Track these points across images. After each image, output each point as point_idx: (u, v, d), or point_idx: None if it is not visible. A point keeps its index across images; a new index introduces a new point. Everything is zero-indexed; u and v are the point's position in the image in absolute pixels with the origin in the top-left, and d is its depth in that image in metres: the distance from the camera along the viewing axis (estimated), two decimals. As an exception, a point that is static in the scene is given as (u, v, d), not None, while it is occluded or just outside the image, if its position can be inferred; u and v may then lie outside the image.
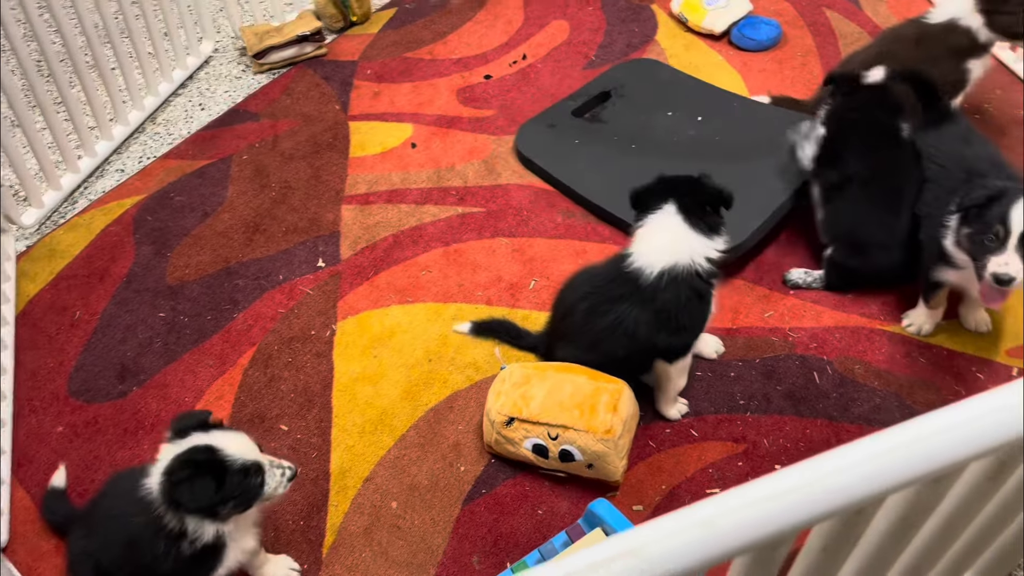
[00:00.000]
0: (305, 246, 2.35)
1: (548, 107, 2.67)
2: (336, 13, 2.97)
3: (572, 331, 1.92)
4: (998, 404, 0.66)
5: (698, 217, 1.80)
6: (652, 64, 2.83)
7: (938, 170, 2.01)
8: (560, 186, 2.47)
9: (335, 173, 2.54)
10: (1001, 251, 1.73)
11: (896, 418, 1.94)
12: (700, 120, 2.57)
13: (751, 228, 2.21)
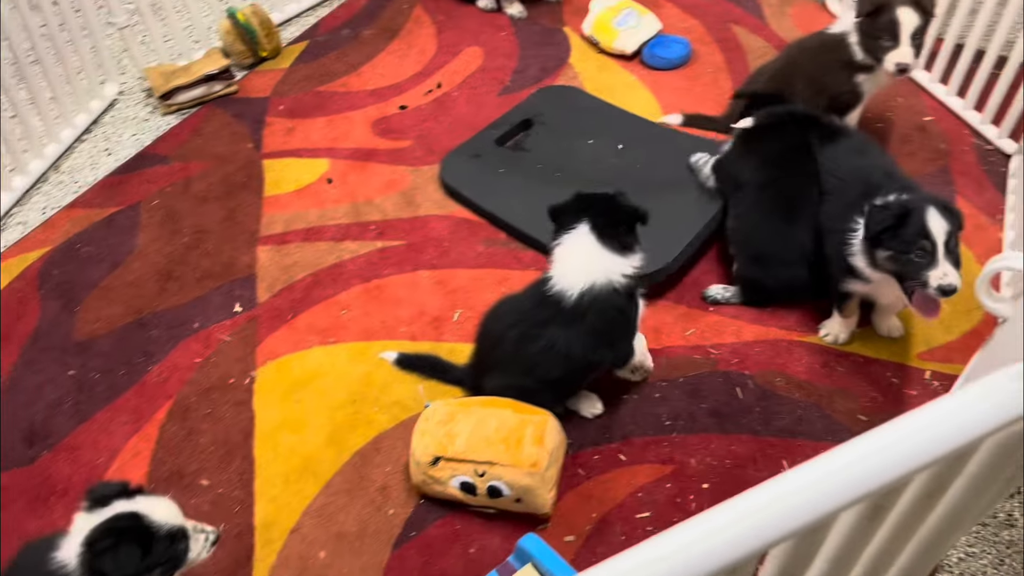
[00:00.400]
0: (221, 291, 2.29)
1: (471, 137, 2.66)
2: (245, 49, 2.92)
3: (503, 360, 1.91)
4: (931, 420, 0.67)
5: (611, 236, 1.84)
6: (571, 91, 2.84)
7: (837, 183, 2.06)
8: (488, 216, 2.46)
9: (250, 214, 2.49)
10: (934, 264, 1.75)
11: (817, 429, 1.97)
12: (621, 148, 2.59)
13: (674, 252, 2.23)
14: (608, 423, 1.99)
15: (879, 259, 1.86)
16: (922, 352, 2.13)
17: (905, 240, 1.79)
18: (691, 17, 3.17)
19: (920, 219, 1.77)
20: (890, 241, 1.82)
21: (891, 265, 1.84)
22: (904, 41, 2.20)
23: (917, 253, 1.77)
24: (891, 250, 1.82)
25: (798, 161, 2.17)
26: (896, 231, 1.80)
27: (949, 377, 2.05)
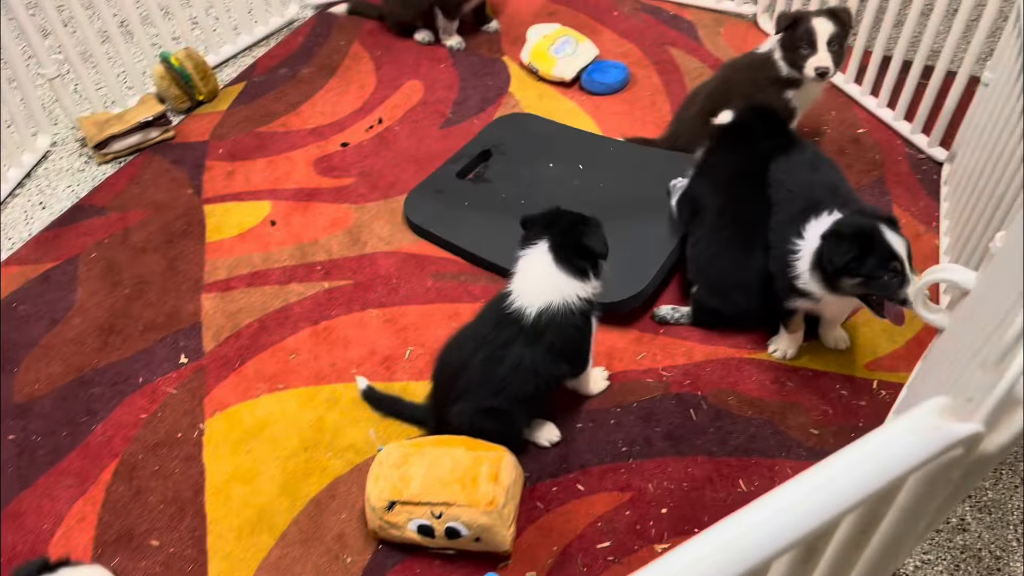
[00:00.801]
0: (165, 343, 2.25)
1: (432, 173, 2.65)
2: (180, 94, 2.89)
3: (470, 388, 1.88)
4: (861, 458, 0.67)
5: (569, 261, 1.87)
6: (526, 117, 2.85)
7: (783, 196, 2.09)
8: (457, 251, 2.44)
9: (192, 261, 2.45)
10: (908, 282, 1.77)
11: (771, 445, 1.99)
12: (582, 168, 2.61)
13: (645, 280, 2.25)
14: (565, 453, 1.99)
15: (848, 285, 1.85)
16: (869, 362, 2.16)
17: (876, 266, 1.79)
18: (628, 41, 3.21)
19: (884, 243, 1.79)
20: (859, 268, 1.81)
21: (862, 289, 1.84)
22: (821, 47, 2.30)
23: (890, 275, 1.79)
24: (861, 276, 1.82)
25: (755, 186, 2.19)
26: (862, 259, 1.80)
27: (895, 386, 2.09)
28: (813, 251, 1.91)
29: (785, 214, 2.05)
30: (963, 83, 2.53)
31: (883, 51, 2.78)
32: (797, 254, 1.96)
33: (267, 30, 3.29)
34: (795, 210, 2.01)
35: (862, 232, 1.81)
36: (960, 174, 2.41)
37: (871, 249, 1.80)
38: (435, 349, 2.19)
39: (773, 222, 2.10)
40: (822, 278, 1.90)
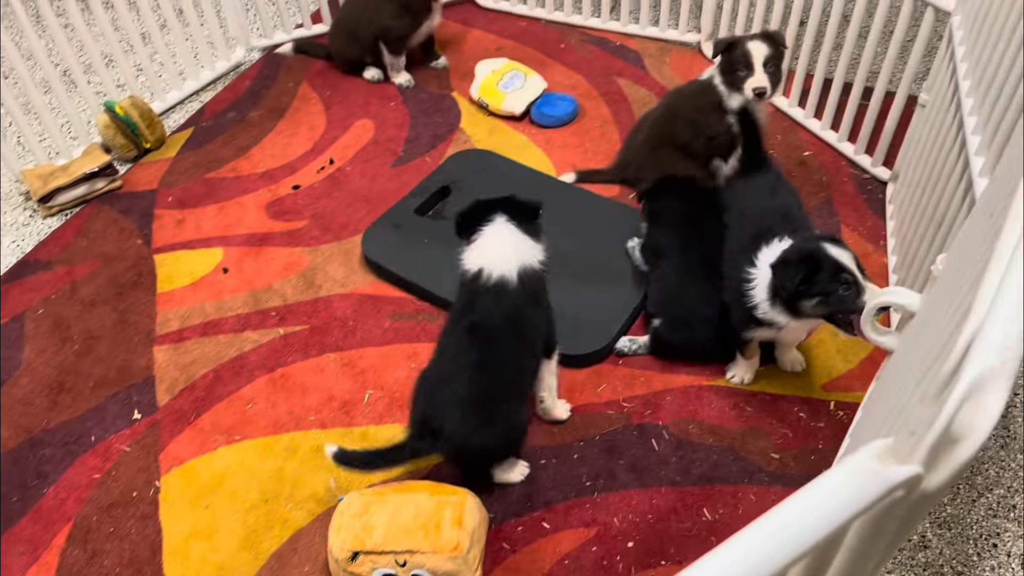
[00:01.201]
0: (117, 399, 2.20)
1: (389, 208, 2.64)
2: (127, 143, 2.85)
3: (467, 396, 1.82)
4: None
5: (526, 225, 1.98)
6: (485, 155, 2.86)
7: (737, 221, 2.11)
8: (415, 289, 2.43)
9: (143, 313, 2.41)
10: (863, 291, 1.80)
11: (734, 472, 2.00)
12: (542, 212, 2.61)
13: (614, 329, 2.28)
14: (529, 491, 1.98)
15: (808, 309, 1.87)
16: (825, 383, 2.19)
17: (827, 282, 1.82)
18: (576, 73, 3.25)
19: (828, 256, 1.82)
20: (812, 288, 1.83)
21: (823, 309, 1.86)
22: (758, 68, 2.33)
23: (843, 287, 1.81)
24: (818, 295, 1.84)
25: (708, 222, 2.23)
26: (813, 278, 1.83)
27: (852, 405, 2.11)
28: (768, 281, 1.93)
29: (737, 242, 2.07)
30: (902, 103, 2.59)
31: (824, 74, 2.84)
32: (752, 283, 1.98)
33: (214, 74, 3.27)
34: (747, 238, 2.03)
35: (806, 253, 1.85)
36: (903, 194, 2.46)
37: (819, 267, 1.82)
38: (394, 391, 2.19)
39: (726, 250, 2.12)
40: (783, 306, 1.92)
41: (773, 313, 1.95)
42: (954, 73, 2.15)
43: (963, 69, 2.10)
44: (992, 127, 1.77)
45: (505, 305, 1.87)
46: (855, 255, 1.85)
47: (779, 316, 1.94)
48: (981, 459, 2.03)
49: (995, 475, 2.00)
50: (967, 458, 0.76)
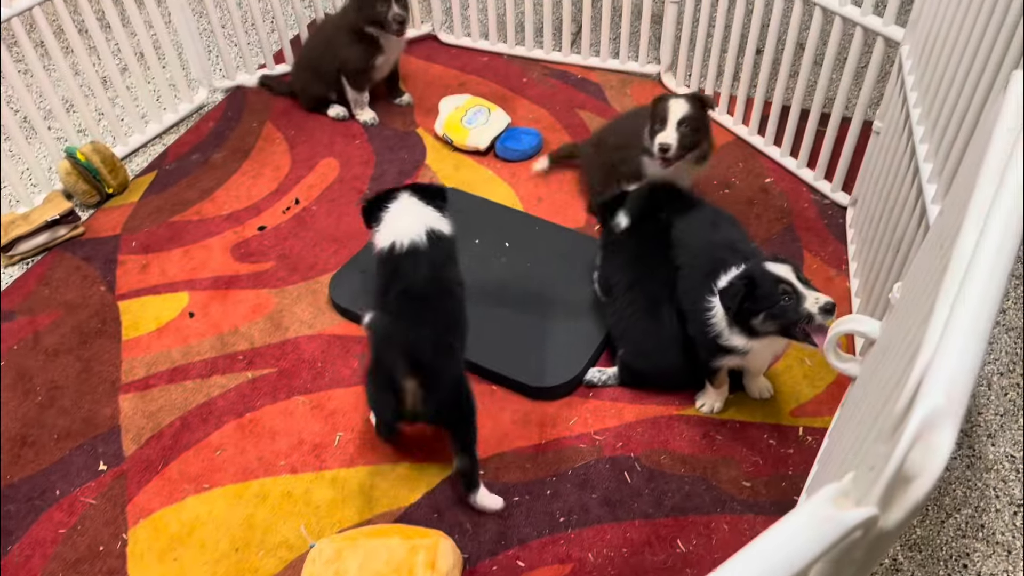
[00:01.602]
0: (82, 450, 2.16)
1: (356, 253, 2.64)
2: (89, 188, 2.83)
3: (427, 357, 1.89)
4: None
5: (431, 200, 2.20)
6: (451, 192, 2.86)
7: (688, 259, 2.14)
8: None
9: (108, 362, 2.38)
10: (803, 297, 1.85)
11: (706, 502, 2.00)
12: (508, 246, 2.64)
13: (582, 363, 2.29)
14: (503, 529, 1.97)
15: (758, 326, 1.92)
16: (793, 409, 2.21)
17: (766, 295, 1.87)
18: (539, 107, 3.28)
19: (766, 272, 1.88)
20: (754, 304, 1.89)
21: (772, 324, 1.90)
22: (670, 125, 2.33)
23: (784, 298, 1.86)
24: (762, 310, 1.89)
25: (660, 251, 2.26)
26: (754, 294, 1.88)
27: (820, 431, 2.13)
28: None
29: (693, 279, 2.10)
30: (858, 129, 2.65)
31: (781, 101, 2.89)
32: (712, 312, 2.01)
33: (176, 116, 3.25)
34: (701, 273, 2.07)
35: (745, 273, 1.92)
36: (862, 219, 2.51)
37: (756, 283, 1.88)
38: (365, 432, 2.17)
39: (682, 289, 2.15)
40: (739, 327, 1.96)
41: (733, 337, 1.98)
42: (905, 101, 2.20)
43: (913, 97, 2.15)
44: (943, 155, 1.82)
45: (423, 266, 2.01)
46: (796, 266, 1.91)
47: (739, 339, 1.98)
48: (948, 480, 2.06)
49: (962, 495, 2.03)
50: (921, 497, 0.77)
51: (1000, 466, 2.09)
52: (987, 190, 1.04)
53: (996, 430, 2.18)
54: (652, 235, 2.28)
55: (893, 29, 2.39)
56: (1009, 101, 1.20)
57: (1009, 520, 1.98)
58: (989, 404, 2.24)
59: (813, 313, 1.83)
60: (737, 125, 3.12)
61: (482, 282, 2.51)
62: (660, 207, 2.32)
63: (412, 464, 2.11)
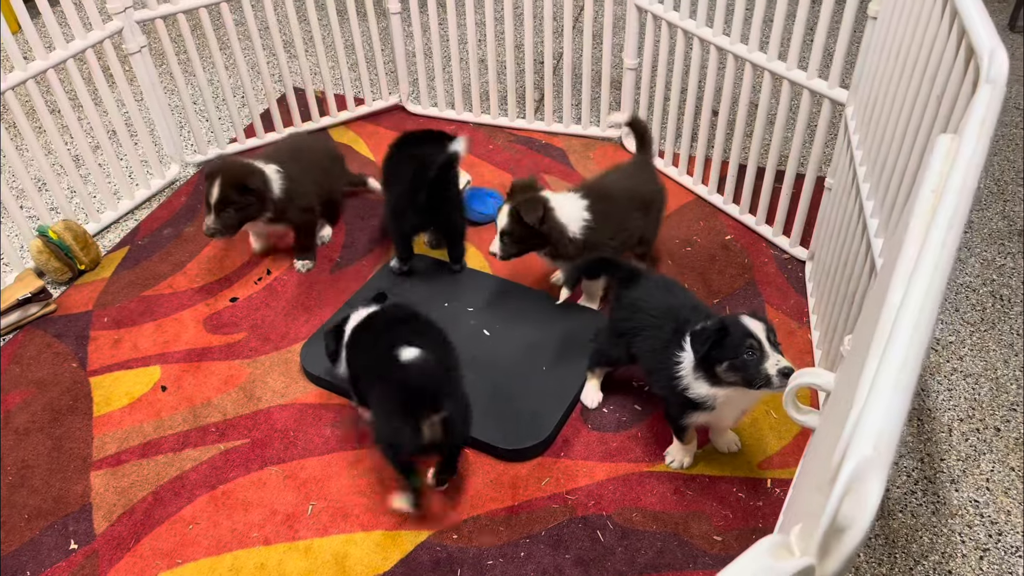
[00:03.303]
0: (53, 530, 2.15)
1: (325, 321, 2.68)
2: (60, 266, 2.85)
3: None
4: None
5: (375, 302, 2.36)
6: (419, 258, 2.92)
7: (650, 320, 2.18)
8: (356, 396, 2.44)
9: (79, 439, 2.37)
10: (765, 356, 1.89)
11: (679, 558, 2.02)
12: (473, 310, 2.70)
13: (551, 424, 2.32)
14: (478, 594, 1.97)
15: (720, 374, 1.95)
16: (761, 461, 2.24)
17: (734, 345, 1.91)
18: (504, 172, 3.37)
19: (739, 324, 1.93)
20: (721, 352, 1.93)
21: (732, 374, 1.93)
22: (497, 238, 2.53)
23: (748, 352, 1.90)
24: (726, 359, 1.93)
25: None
26: (722, 342, 1.93)
27: (787, 482, 2.17)
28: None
29: (657, 339, 2.14)
30: (811, 186, 2.75)
31: (738, 160, 3.00)
32: (681, 365, 2.05)
33: (149, 192, 3.30)
34: (667, 332, 2.11)
35: (720, 322, 1.96)
36: (820, 272, 2.59)
37: (727, 333, 1.93)
38: (338, 499, 2.18)
39: (645, 350, 2.18)
40: (703, 374, 1.99)
41: (699, 385, 2.01)
42: (852, 159, 2.30)
43: (859, 156, 2.25)
44: (887, 210, 1.90)
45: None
46: (770, 327, 1.94)
47: (704, 388, 2.01)
48: (914, 527, 2.09)
49: (929, 542, 2.06)
50: (854, 547, 0.81)
51: (964, 511, 2.13)
52: (911, 249, 1.10)
53: (959, 475, 2.22)
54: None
55: (838, 92, 2.51)
56: (933, 163, 1.28)
57: (976, 564, 2.01)
58: (951, 450, 2.29)
59: (771, 375, 1.88)
60: (697, 185, 3.21)
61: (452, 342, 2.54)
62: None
63: (385, 531, 2.11)
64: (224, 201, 2.61)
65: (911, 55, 1.87)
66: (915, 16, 1.89)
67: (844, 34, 2.42)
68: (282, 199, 2.76)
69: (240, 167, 2.69)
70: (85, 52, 2.94)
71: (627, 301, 2.25)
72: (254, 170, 2.69)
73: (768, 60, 2.67)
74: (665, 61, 3.10)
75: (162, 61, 4.15)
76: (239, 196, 2.63)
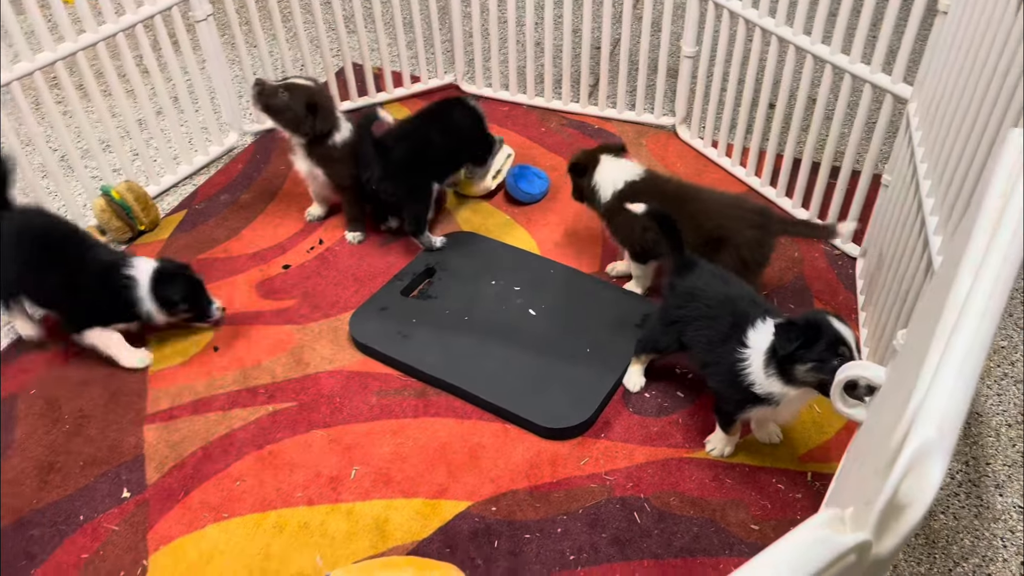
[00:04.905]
0: (107, 477, 2.22)
1: (376, 291, 2.73)
2: (121, 225, 2.93)
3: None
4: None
5: None
6: (468, 236, 2.97)
7: (704, 310, 2.15)
8: (402, 367, 2.50)
9: (134, 392, 2.45)
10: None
11: (715, 544, 2.03)
12: (522, 288, 2.72)
13: (594, 404, 2.34)
14: (514, 566, 2.00)
15: (800, 374, 1.91)
16: (802, 454, 2.24)
17: (825, 349, 1.86)
18: (556, 155, 3.38)
19: (831, 328, 1.87)
20: (808, 354, 1.88)
21: (814, 376, 1.89)
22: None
23: (838, 359, 1.84)
24: (811, 362, 1.88)
25: None
26: (813, 344, 1.87)
27: (828, 476, 2.16)
28: (765, 351, 1.97)
29: (714, 331, 2.10)
30: (867, 182, 2.72)
31: (792, 154, 2.98)
32: (746, 362, 2.01)
33: (207, 158, 3.37)
34: (725, 326, 2.08)
35: (812, 320, 1.89)
36: (871, 269, 2.57)
37: (819, 334, 1.87)
38: (379, 467, 2.22)
39: (700, 340, 2.15)
40: (778, 372, 1.94)
41: (770, 384, 1.96)
42: (912, 155, 2.28)
43: (920, 152, 2.22)
44: (948, 207, 1.88)
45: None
46: (855, 336, 1.90)
47: (775, 385, 1.96)
48: (956, 529, 2.08)
49: (970, 544, 2.05)
50: (913, 525, 0.82)
51: (1008, 516, 2.11)
52: (981, 240, 1.10)
53: (1004, 480, 2.20)
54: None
55: (901, 87, 2.47)
56: (1005, 156, 1.27)
57: (1016, 570, 2.00)
58: (997, 455, 2.26)
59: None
60: (750, 176, 3.19)
61: (498, 323, 2.58)
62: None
63: (425, 500, 2.15)
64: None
65: (982, 49, 1.85)
66: (988, 10, 1.86)
67: (911, 29, 2.38)
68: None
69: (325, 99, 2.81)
70: (153, 18, 3.01)
71: (681, 289, 2.22)
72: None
73: (831, 53, 2.64)
74: (724, 50, 3.09)
75: (226, 31, 4.22)
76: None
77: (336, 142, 2.81)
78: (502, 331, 2.56)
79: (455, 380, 2.41)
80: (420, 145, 2.83)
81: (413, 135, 2.86)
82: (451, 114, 2.94)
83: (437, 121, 2.91)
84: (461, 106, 2.97)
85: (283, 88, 2.72)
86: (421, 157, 2.82)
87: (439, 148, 2.86)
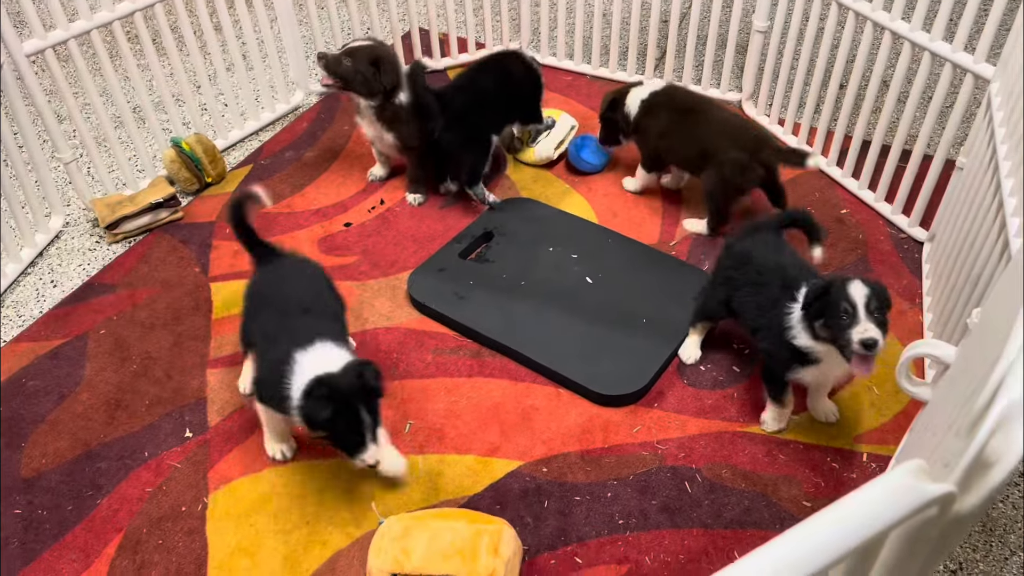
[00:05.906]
0: (171, 417, 2.29)
1: (436, 252, 2.76)
2: (190, 176, 3.00)
3: None
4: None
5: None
6: (527, 202, 2.98)
7: (757, 277, 2.18)
8: (457, 327, 2.53)
9: (199, 338, 2.51)
10: (856, 323, 1.88)
11: (765, 518, 2.03)
12: (581, 256, 2.73)
13: (650, 373, 2.35)
14: (563, 526, 2.02)
15: (818, 329, 1.98)
16: (858, 435, 2.22)
17: (831, 305, 1.92)
18: (618, 126, 3.35)
19: (842, 286, 1.92)
20: (820, 309, 1.95)
21: (826, 332, 1.96)
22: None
23: (842, 316, 1.90)
24: (823, 317, 1.95)
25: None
26: (825, 299, 1.94)
27: (884, 458, 2.14)
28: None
29: (766, 295, 2.14)
30: (939, 166, 2.66)
31: (862, 135, 2.92)
32: (791, 316, 2.05)
33: (273, 116, 3.43)
34: (775, 289, 2.11)
35: (832, 281, 1.96)
36: (940, 254, 2.51)
37: (829, 293, 1.93)
38: (433, 422, 2.25)
39: (752, 304, 2.18)
40: (807, 327, 2.01)
41: (803, 337, 2.03)
42: (992, 137, 2.22)
43: (1001, 133, 2.17)
44: (1028, 189, 1.83)
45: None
46: (879, 295, 1.91)
47: (807, 340, 2.02)
48: (1014, 518, 2.04)
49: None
50: (999, 482, 0.81)
51: (1069, 509, 2.07)
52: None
53: (1067, 473, 2.15)
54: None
55: (983, 67, 2.41)
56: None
57: (1076, 563, 1.96)
58: (1061, 447, 2.21)
59: (852, 339, 1.87)
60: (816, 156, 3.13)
61: (555, 289, 2.59)
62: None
63: (478, 457, 2.18)
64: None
65: (1077, 28, 1.79)
66: (1086, -12, 1.80)
67: (998, 6, 2.31)
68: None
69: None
70: (229, -27, 3.05)
71: (737, 250, 2.26)
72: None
73: (911, 30, 2.57)
74: (797, 26, 3.03)
75: (292, -8, 4.26)
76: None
77: (403, 102, 2.83)
78: (558, 297, 2.56)
79: (511, 343, 2.42)
80: (477, 96, 2.89)
81: (469, 87, 2.92)
82: (507, 65, 2.97)
83: (492, 72, 2.96)
84: (515, 57, 2.99)
85: (345, 55, 2.75)
86: (478, 108, 2.88)
87: (495, 98, 2.91)
